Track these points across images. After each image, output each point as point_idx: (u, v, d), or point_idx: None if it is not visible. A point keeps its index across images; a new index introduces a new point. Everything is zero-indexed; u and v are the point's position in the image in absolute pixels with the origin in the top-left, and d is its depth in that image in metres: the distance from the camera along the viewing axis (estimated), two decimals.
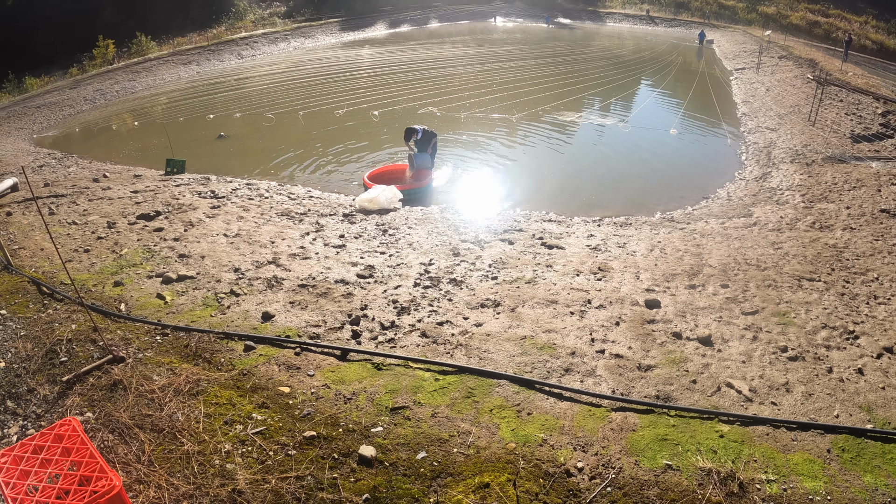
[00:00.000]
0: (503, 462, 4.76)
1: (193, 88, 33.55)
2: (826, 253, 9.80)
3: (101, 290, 8.07)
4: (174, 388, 5.61)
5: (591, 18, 68.68)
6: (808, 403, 5.71)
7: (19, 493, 3.43)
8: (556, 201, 14.49)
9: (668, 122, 23.55)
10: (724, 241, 10.46)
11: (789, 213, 12.26)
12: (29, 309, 7.42)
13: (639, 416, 5.41)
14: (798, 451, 5.00)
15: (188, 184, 14.56)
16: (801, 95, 24.82)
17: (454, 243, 10.17)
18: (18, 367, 6.14)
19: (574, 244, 10.35)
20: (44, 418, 5.38)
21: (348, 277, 8.60)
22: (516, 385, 5.86)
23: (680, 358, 6.46)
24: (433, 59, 39.84)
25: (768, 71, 32.48)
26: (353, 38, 54.37)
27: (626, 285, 8.44)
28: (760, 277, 8.72)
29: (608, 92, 29.48)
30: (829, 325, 7.30)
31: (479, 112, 24.21)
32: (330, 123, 23.47)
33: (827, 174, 14.91)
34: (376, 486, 4.50)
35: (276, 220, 11.53)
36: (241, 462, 4.71)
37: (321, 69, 37.36)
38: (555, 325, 7.16)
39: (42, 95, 31.60)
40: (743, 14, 62.60)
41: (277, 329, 6.99)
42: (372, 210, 12.30)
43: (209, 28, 49.80)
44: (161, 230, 10.62)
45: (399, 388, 5.78)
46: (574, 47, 47.19)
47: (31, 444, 3.80)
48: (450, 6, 69.48)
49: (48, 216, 11.56)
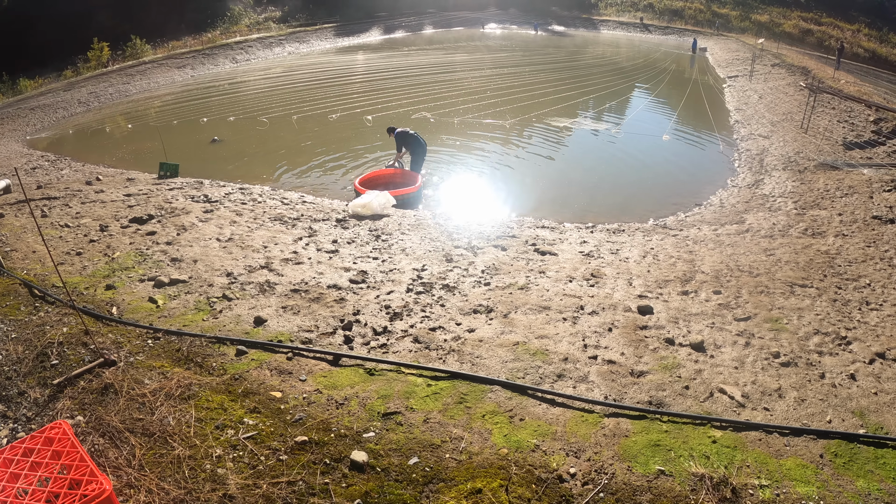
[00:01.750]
0: (495, 468, 4.75)
1: (188, 92, 33.52)
2: (818, 259, 9.84)
3: (93, 294, 8.03)
4: (165, 392, 5.58)
5: (584, 26, 68.99)
6: (800, 409, 5.71)
7: (8, 496, 3.41)
8: (549, 207, 14.52)
9: (662, 128, 23.64)
10: (716, 248, 10.49)
11: (782, 219, 12.30)
12: (20, 311, 7.37)
13: (631, 422, 5.41)
14: (791, 457, 5.01)
15: (181, 188, 14.52)
16: (793, 103, 24.95)
17: (447, 249, 10.17)
18: (9, 369, 6.10)
19: (567, 250, 10.36)
20: (34, 421, 5.34)
21: (341, 283, 8.58)
22: (509, 391, 5.85)
23: (672, 364, 6.47)
24: (427, 64, 39.92)
25: (761, 79, 32.66)
26: (347, 43, 54.49)
27: (618, 291, 8.45)
28: (753, 284, 8.74)
29: (601, 98, 29.60)
30: (821, 331, 7.32)
31: (472, 118, 24.25)
32: (324, 128, 23.49)
33: (819, 181, 14.98)
34: (368, 492, 4.48)
35: (269, 224, 11.51)
36: (232, 467, 4.68)
37: (315, 74, 37.39)
38: (547, 331, 7.16)
39: (36, 97, 31.53)
40: (736, 22, 63.01)
41: (269, 334, 6.97)
42: (365, 215, 12.29)
43: (204, 32, 49.84)
44: (154, 234, 10.59)
45: (391, 394, 5.76)
46: (568, 54, 47.34)
47: (21, 447, 3.77)
48: (444, 13, 69.71)
49: (41, 218, 11.51)
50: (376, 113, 25.02)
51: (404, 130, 16.18)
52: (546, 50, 50.28)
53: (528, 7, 72.58)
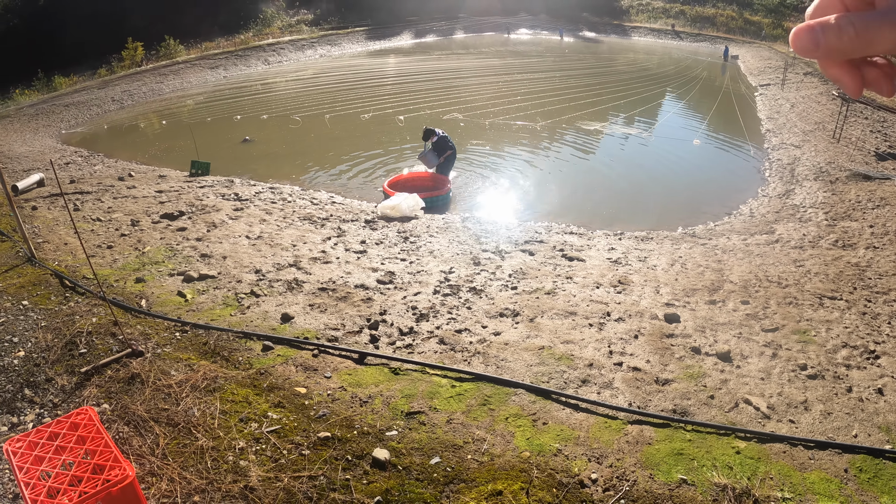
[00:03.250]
0: (517, 470, 4.74)
1: (220, 92, 33.91)
2: (848, 271, 9.68)
3: (123, 286, 8.16)
4: (191, 383, 5.65)
5: (616, 32, 68.58)
6: (826, 422, 5.63)
7: (32, 477, 3.46)
8: (578, 213, 14.46)
9: (692, 136, 23.43)
10: (745, 258, 10.37)
11: (812, 230, 12.13)
12: (51, 301, 7.52)
13: (655, 430, 5.36)
14: (815, 470, 4.93)
15: (212, 185, 14.70)
16: (825, 112, 24.58)
17: (475, 252, 10.17)
18: (38, 356, 6.23)
19: (595, 257, 10.30)
20: (60, 407, 5.45)
21: (368, 282, 8.62)
22: (533, 394, 5.84)
23: (698, 373, 6.41)
24: (458, 68, 39.99)
25: (793, 87, 32.23)
26: (378, 46, 54.72)
27: (645, 299, 8.39)
28: (781, 294, 8.63)
29: (632, 104, 29.39)
30: (849, 344, 7.20)
31: (502, 120, 24.23)
32: (355, 128, 23.62)
33: (851, 192, 14.75)
34: (388, 489, 4.49)
35: (298, 223, 11.60)
36: (254, 459, 4.73)
37: (347, 76, 37.63)
38: (573, 337, 7.13)
39: (70, 94, 32.09)
40: (769, 30, 62.22)
41: (296, 330, 7.03)
42: (394, 217, 12.33)
43: (237, 34, 50.38)
44: (184, 230, 10.73)
45: (415, 394, 5.78)
46: (598, 60, 47.14)
47: (47, 431, 3.83)
48: (475, 17, 69.73)
49: (73, 212, 11.72)
50: (408, 114, 25.11)
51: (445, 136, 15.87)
52: (577, 55, 50.13)
53: (558, 13, 72.33)
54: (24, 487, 3.39)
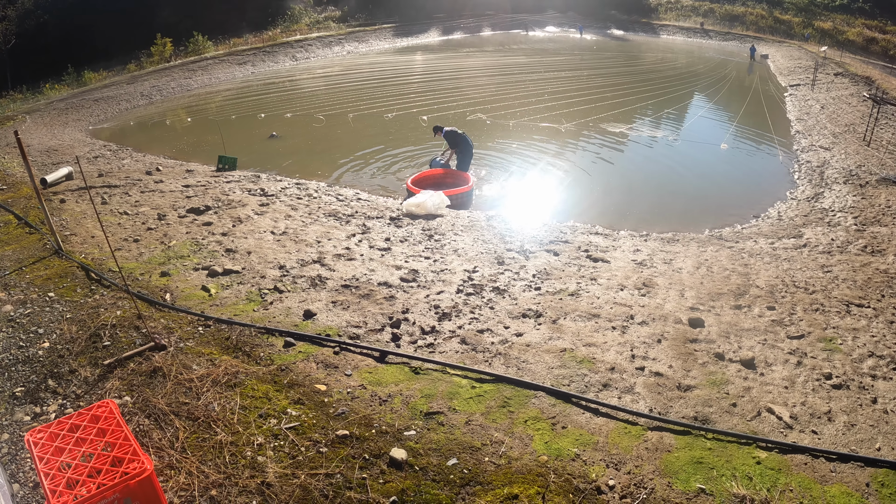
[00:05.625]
0: (534, 474, 4.71)
1: (247, 88, 34.18)
2: (877, 278, 9.50)
3: (148, 280, 8.25)
4: (212, 378, 5.70)
5: (644, 30, 68.10)
6: (849, 434, 5.52)
7: (52, 468, 3.52)
8: (603, 213, 14.37)
9: (720, 137, 23.17)
10: (772, 262, 10.22)
11: (840, 235, 11.93)
12: (76, 293, 7.63)
13: (675, 437, 5.31)
14: (836, 483, 4.84)
15: (238, 181, 14.82)
16: (856, 114, 24.19)
17: (499, 252, 10.14)
18: (62, 348, 6.33)
19: (619, 258, 10.22)
20: (83, 399, 5.53)
21: (392, 280, 8.63)
22: (553, 397, 5.80)
23: (721, 379, 6.33)
24: (484, 66, 39.94)
25: (823, 88, 31.74)
26: (406, 43, 54.84)
27: (670, 302, 8.30)
28: (808, 301, 8.49)
29: (660, 104, 29.14)
30: (876, 354, 7.06)
31: (527, 120, 24.14)
32: (379, 127, 23.68)
33: (881, 196, 14.48)
34: (404, 490, 4.49)
35: (323, 220, 11.65)
36: (272, 455, 4.76)
37: (373, 73, 37.76)
38: (595, 339, 7.08)
39: (100, 89, 32.56)
40: (798, 29, 61.35)
41: (318, 327, 7.05)
42: (419, 214, 12.33)
43: (265, 30, 50.80)
44: (210, 224, 10.82)
45: (435, 394, 5.77)
46: (626, 59, 46.79)
47: (68, 423, 3.88)
48: (502, 15, 69.62)
49: (100, 205, 11.88)
50: (432, 113, 25.12)
51: (453, 129, 16.23)
52: (604, 53, 49.80)
53: (586, 10, 72.00)
54: (44, 478, 3.45)
